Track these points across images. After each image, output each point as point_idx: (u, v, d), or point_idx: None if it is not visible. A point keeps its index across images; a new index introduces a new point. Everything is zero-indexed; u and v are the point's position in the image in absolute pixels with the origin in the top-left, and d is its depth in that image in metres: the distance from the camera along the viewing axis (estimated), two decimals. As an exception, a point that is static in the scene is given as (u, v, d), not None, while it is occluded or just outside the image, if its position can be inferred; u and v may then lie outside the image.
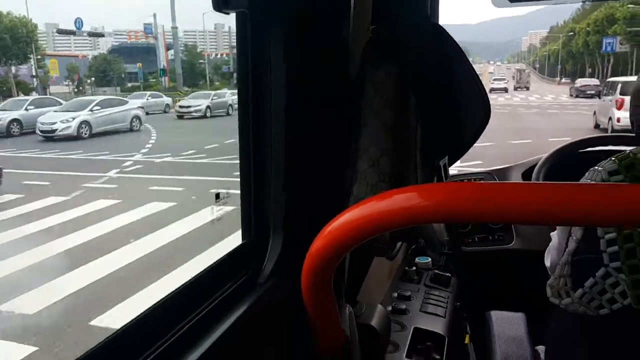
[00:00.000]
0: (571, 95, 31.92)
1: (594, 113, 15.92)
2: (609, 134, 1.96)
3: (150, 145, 12.67)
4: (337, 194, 0.99)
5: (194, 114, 19.75)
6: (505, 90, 40.89)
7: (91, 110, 13.39)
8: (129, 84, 37.91)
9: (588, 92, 29.57)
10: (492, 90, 40.20)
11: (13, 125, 12.60)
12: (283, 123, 0.86)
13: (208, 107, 20.29)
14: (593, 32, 51.36)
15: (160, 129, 15.82)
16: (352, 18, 0.95)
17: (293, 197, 0.91)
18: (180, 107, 20.72)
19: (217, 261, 0.86)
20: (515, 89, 44.50)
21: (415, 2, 0.96)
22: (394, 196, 0.56)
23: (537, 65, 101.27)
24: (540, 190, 0.51)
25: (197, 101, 20.83)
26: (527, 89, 44.04)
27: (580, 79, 37.56)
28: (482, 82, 0.99)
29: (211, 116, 20.15)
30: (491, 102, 0.98)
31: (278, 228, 0.92)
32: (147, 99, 21.81)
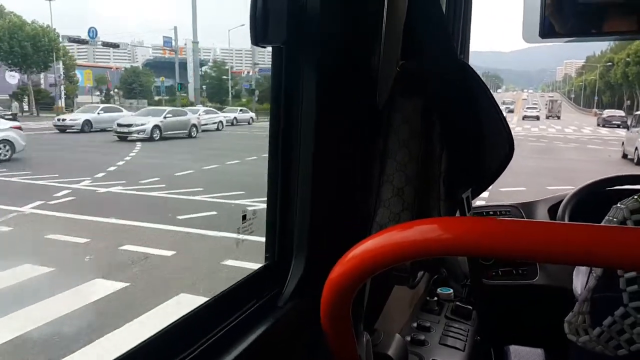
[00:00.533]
0: (598, 125, 34.77)
1: (622, 144, 16.82)
2: (637, 173, 1.91)
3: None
4: (361, 219, 1.01)
5: (135, 135, 15.45)
6: (537, 118, 43.62)
7: None
8: (157, 97, 37.54)
9: (613, 122, 34.41)
10: (525, 117, 43.32)
11: None
12: (311, 149, 0.89)
13: (157, 126, 15.91)
14: (633, 63, 49.63)
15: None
16: (382, 53, 0.98)
17: (317, 221, 0.93)
18: (120, 125, 15.77)
19: (239, 282, 0.88)
20: (547, 117, 47.19)
21: (443, 39, 0.99)
22: (414, 227, 0.57)
23: (573, 95, 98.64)
24: (561, 230, 0.52)
25: (143, 119, 16.32)
26: (558, 118, 47.03)
27: (607, 110, 42.22)
28: (516, 109, 0.99)
29: (161, 138, 15.95)
30: (524, 132, 0.99)
31: (301, 251, 0.94)
32: (98, 114, 18.24)
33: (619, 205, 0.95)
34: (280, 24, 0.80)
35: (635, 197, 0.94)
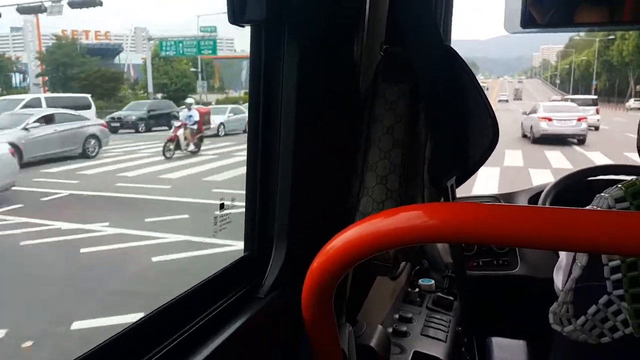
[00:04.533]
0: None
1: (521, 124, 19.89)
2: (615, 164, 1.94)
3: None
4: (343, 207, 0.99)
5: None
6: (507, 101, 56.08)
7: None
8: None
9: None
10: (499, 101, 54.56)
11: None
12: (292, 135, 0.86)
13: None
14: (659, 30, 39.44)
15: None
16: (366, 36, 0.95)
17: (298, 210, 0.91)
18: None
19: (217, 273, 0.85)
20: (514, 99, 61.73)
21: (427, 24, 0.97)
22: (399, 213, 0.56)
23: (558, 81, 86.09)
24: (546, 214, 0.51)
25: None
26: (520, 99, 61.50)
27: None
28: (491, 98, 0.99)
29: None
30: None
31: (281, 241, 0.91)
32: None
33: (603, 194, 0.96)
34: (259, 2, 0.76)
35: (619, 185, 0.94)
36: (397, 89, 0.94)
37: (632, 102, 39.56)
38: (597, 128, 19.48)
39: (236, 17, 0.76)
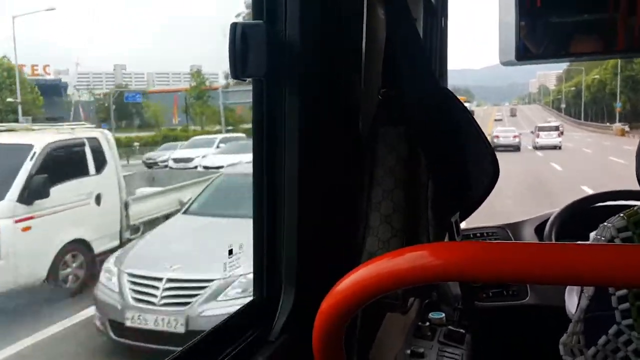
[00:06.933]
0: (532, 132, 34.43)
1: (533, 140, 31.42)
2: (619, 189, 1.94)
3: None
4: (349, 248, 1.00)
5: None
6: (501, 119, 67.75)
7: None
8: None
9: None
10: (495, 120, 66.53)
11: None
12: (296, 181, 0.88)
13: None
14: None
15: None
16: (363, 81, 0.98)
17: (305, 253, 0.92)
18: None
19: (227, 318, 0.86)
20: (510, 116, 74.48)
21: (422, 66, 1.00)
22: (404, 254, 0.56)
23: (563, 105, 74.02)
24: (546, 250, 0.52)
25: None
26: (515, 115, 76.48)
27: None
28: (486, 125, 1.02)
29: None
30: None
31: (290, 284, 0.92)
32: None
33: (606, 223, 0.96)
34: (260, 57, 0.80)
35: (622, 214, 0.95)
36: (396, 131, 0.97)
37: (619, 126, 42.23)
38: (560, 147, 28.48)
39: (237, 72, 0.80)
